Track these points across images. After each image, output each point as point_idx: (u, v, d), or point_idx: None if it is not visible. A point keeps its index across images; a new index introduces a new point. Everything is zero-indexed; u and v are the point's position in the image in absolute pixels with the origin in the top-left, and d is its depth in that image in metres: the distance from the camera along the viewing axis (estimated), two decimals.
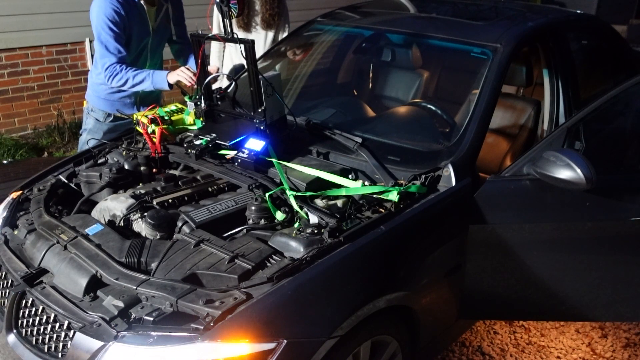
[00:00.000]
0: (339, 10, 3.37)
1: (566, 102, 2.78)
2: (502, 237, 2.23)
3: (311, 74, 3.45)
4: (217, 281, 1.73)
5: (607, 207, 2.29)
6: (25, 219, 2.19)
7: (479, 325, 2.94)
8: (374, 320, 1.91)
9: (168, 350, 1.55)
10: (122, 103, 3.18)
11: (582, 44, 3.41)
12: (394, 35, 3.23)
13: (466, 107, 2.72)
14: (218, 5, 2.37)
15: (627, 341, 2.88)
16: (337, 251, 1.80)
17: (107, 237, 1.96)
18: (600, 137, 2.54)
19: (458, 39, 2.75)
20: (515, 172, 2.26)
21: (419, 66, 3.32)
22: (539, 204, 2.27)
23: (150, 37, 3.13)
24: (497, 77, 2.46)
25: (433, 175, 2.17)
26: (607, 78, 3.43)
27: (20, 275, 1.89)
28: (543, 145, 2.28)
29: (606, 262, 2.36)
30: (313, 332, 1.71)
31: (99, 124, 3.24)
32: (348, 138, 2.41)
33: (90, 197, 2.33)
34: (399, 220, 1.98)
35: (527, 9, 3.31)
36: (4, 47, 4.89)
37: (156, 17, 3.13)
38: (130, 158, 2.47)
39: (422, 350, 2.23)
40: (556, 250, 2.30)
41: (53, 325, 1.79)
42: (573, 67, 2.88)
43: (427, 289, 2.15)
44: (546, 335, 2.90)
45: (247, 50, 2.25)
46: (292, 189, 2.09)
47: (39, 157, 4.95)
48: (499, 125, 3.03)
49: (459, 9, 3.36)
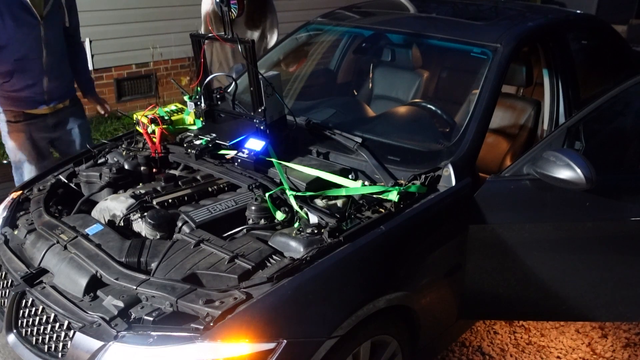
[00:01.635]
0: (339, 10, 3.37)
1: (566, 102, 2.78)
2: (502, 237, 2.23)
3: (311, 74, 3.45)
4: (217, 281, 1.73)
5: (607, 207, 2.29)
6: (25, 219, 2.20)
7: (479, 325, 2.94)
8: (374, 320, 1.91)
9: (168, 350, 1.55)
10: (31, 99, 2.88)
11: (582, 44, 3.41)
12: (394, 35, 3.23)
13: (466, 107, 2.72)
14: (218, 5, 2.37)
15: (627, 341, 2.88)
16: (337, 251, 1.80)
17: (107, 237, 1.96)
18: (600, 137, 2.54)
19: (458, 39, 2.75)
20: (515, 172, 2.26)
21: (419, 66, 3.32)
22: (539, 204, 2.27)
23: (42, 27, 2.75)
24: (497, 77, 2.46)
25: (433, 175, 2.17)
26: (607, 78, 3.43)
27: (20, 275, 1.89)
28: (543, 145, 2.28)
29: (606, 262, 2.36)
30: (313, 332, 1.71)
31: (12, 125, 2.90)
32: (348, 138, 2.41)
33: (90, 197, 2.33)
34: (399, 220, 1.98)
35: (527, 9, 3.31)
36: None
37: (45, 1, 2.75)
38: (130, 158, 2.47)
39: (422, 350, 2.23)
40: (556, 250, 2.30)
41: (53, 325, 1.79)
42: (573, 67, 2.88)
43: (427, 289, 2.15)
44: (546, 335, 2.90)
45: (247, 50, 2.25)
46: (292, 189, 2.09)
47: None
48: (499, 125, 3.03)
49: (459, 9, 3.36)
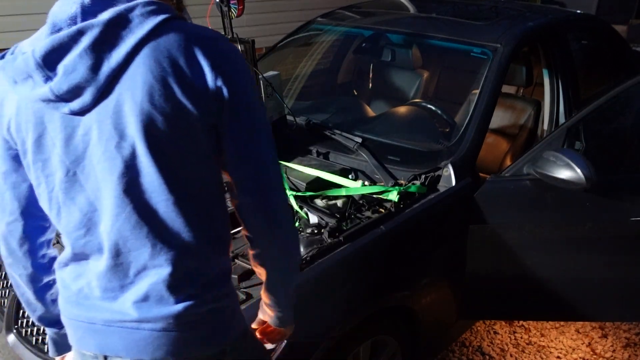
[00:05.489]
0: (339, 10, 3.37)
1: (566, 102, 2.78)
2: (502, 237, 2.23)
3: (311, 74, 3.45)
4: None
5: (607, 207, 2.29)
6: None
7: (479, 325, 2.94)
8: (374, 320, 1.91)
9: None
10: None
11: (582, 44, 3.41)
12: (393, 35, 3.23)
13: (466, 107, 2.72)
14: (218, 5, 2.37)
15: (627, 341, 2.88)
16: (337, 251, 1.80)
17: None
18: (600, 137, 2.54)
19: (458, 39, 2.75)
20: (515, 172, 2.26)
21: (419, 66, 3.32)
22: (539, 204, 2.27)
23: None
24: (497, 77, 2.46)
25: (433, 175, 2.17)
26: (607, 78, 3.43)
27: None
28: (543, 145, 2.28)
29: (606, 262, 2.36)
30: (313, 332, 1.71)
31: None
32: (348, 138, 2.41)
33: None
34: (399, 220, 1.98)
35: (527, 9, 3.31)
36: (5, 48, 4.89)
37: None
38: None
39: (422, 350, 2.23)
40: (556, 250, 2.30)
41: None
42: (573, 67, 2.88)
43: (427, 289, 2.15)
44: (546, 335, 2.90)
45: (247, 50, 2.25)
46: (292, 189, 2.09)
47: None
48: (499, 125, 3.03)
49: (459, 9, 3.36)
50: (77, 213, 1.08)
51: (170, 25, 1.01)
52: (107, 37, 0.98)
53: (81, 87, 0.99)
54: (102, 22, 0.98)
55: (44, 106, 1.02)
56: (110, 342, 1.11)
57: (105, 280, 1.10)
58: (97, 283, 1.11)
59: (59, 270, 1.18)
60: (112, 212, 1.05)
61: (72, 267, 1.15)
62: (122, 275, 1.09)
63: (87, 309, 1.12)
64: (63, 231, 1.11)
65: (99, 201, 1.06)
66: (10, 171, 1.13)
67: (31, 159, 1.07)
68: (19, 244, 1.19)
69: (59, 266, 1.18)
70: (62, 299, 1.17)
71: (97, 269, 1.10)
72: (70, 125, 1.02)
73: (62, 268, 1.17)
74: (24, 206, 1.16)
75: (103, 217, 1.07)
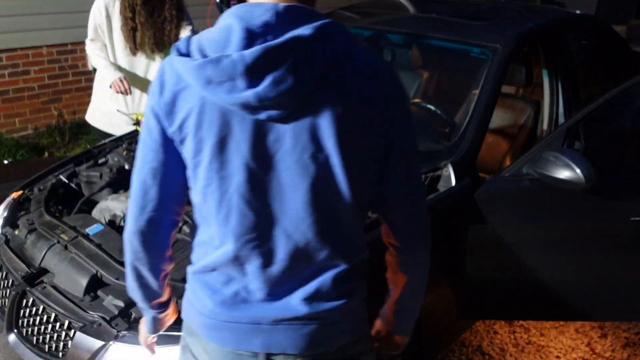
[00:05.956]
0: (339, 11, 3.37)
1: (566, 102, 2.78)
2: (502, 237, 2.23)
3: None
4: None
5: (607, 207, 2.29)
6: (26, 219, 2.20)
7: (479, 325, 2.94)
8: None
9: (168, 350, 1.55)
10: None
11: (582, 44, 3.41)
12: (393, 36, 3.23)
13: (466, 107, 2.71)
14: (218, 6, 2.38)
15: (627, 341, 2.88)
16: None
17: (107, 237, 1.96)
18: (600, 137, 2.54)
19: (458, 39, 2.76)
20: (515, 172, 2.26)
21: (419, 66, 3.32)
22: (538, 204, 2.27)
23: None
24: (497, 78, 2.46)
25: (433, 175, 2.17)
26: (607, 78, 3.43)
27: (21, 275, 1.90)
28: (543, 145, 2.28)
29: (606, 262, 2.36)
30: None
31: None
32: None
33: (91, 197, 2.33)
34: None
35: (526, 9, 3.31)
36: (5, 48, 4.90)
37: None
38: (131, 158, 2.47)
39: (422, 350, 2.23)
40: (556, 250, 2.30)
41: (53, 325, 1.80)
42: (573, 67, 2.88)
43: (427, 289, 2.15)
44: (546, 335, 2.91)
45: None
46: None
47: (39, 157, 4.95)
48: (499, 125, 3.03)
49: (459, 9, 3.36)
50: (252, 216, 1.09)
51: (355, 44, 1.08)
52: (311, 51, 1.00)
53: (285, 97, 1.00)
54: (307, 36, 1.00)
55: (236, 110, 1.02)
56: (277, 340, 1.15)
57: (275, 281, 1.14)
58: (259, 285, 1.14)
59: (201, 274, 1.19)
60: (298, 217, 1.08)
61: (222, 272, 1.16)
62: (297, 276, 1.14)
63: (248, 311, 1.15)
64: (230, 233, 1.11)
65: (280, 205, 1.08)
66: (162, 167, 1.12)
67: (207, 159, 1.07)
68: (155, 238, 1.19)
69: (204, 270, 1.19)
70: (213, 302, 1.17)
71: (261, 271, 1.13)
72: (262, 131, 1.04)
73: (208, 272, 1.18)
74: (166, 203, 1.15)
75: (283, 221, 1.09)
